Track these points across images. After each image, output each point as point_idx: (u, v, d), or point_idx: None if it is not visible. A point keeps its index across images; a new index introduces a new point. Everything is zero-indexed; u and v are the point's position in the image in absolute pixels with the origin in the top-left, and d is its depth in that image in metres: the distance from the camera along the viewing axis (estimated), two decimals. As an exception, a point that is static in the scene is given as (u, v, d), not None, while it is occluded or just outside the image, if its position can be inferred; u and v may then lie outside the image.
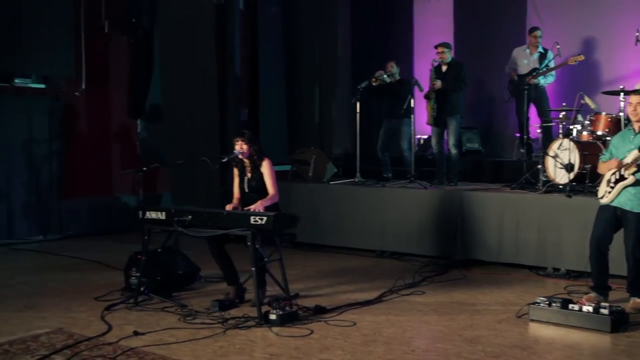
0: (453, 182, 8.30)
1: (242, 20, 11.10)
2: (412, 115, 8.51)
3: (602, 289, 5.57)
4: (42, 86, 9.25)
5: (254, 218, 5.06)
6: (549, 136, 8.44)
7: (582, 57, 8.25)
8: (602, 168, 5.63)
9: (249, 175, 5.73)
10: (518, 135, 9.74)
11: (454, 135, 8.37)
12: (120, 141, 10.14)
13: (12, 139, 8.80)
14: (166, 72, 9.65)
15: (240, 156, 5.65)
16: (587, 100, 7.30)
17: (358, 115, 8.53)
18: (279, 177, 6.03)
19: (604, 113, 7.20)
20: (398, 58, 10.02)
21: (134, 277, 5.92)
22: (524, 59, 9.11)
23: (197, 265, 6.33)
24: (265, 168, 5.65)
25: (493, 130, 10.53)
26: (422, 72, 9.50)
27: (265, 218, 5.03)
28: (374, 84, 8.65)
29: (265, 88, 11.63)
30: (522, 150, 9.08)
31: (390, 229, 7.85)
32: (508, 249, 7.06)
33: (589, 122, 7.26)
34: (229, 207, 5.62)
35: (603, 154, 5.75)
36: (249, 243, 5.05)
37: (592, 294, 5.54)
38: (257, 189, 5.68)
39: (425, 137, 10.52)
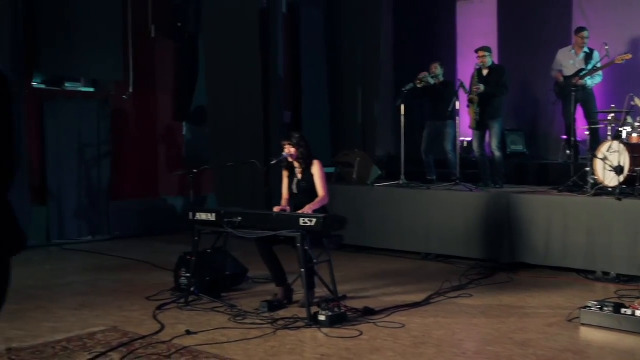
0: (498, 185, 8.25)
1: (285, 24, 11.19)
2: (456, 117, 8.49)
3: (655, 294, 5.49)
4: (92, 90, 9.47)
5: (303, 220, 5.11)
6: (596, 138, 8.33)
7: (629, 56, 8.14)
8: None
9: (298, 176, 5.78)
10: (564, 137, 9.64)
11: (496, 138, 8.33)
12: (166, 144, 10.31)
13: (63, 142, 9.01)
14: (211, 75, 9.80)
15: (289, 159, 5.71)
16: (637, 101, 7.19)
17: (402, 117, 8.52)
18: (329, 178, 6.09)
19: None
20: (441, 60, 10.00)
21: (183, 278, 6.02)
22: (570, 60, 9.00)
23: (245, 267, 6.41)
24: (316, 170, 5.69)
25: (538, 132, 10.44)
26: (466, 74, 9.44)
27: (314, 220, 5.08)
28: (418, 85, 8.66)
29: (307, 90, 11.71)
30: (568, 153, 9.00)
31: (435, 232, 7.84)
32: (556, 252, 6.99)
33: (639, 124, 7.15)
34: (277, 209, 5.68)
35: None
36: (298, 245, 5.10)
37: (644, 299, 5.46)
38: (306, 191, 5.74)
39: (469, 139, 10.46)
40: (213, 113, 9.87)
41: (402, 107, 8.49)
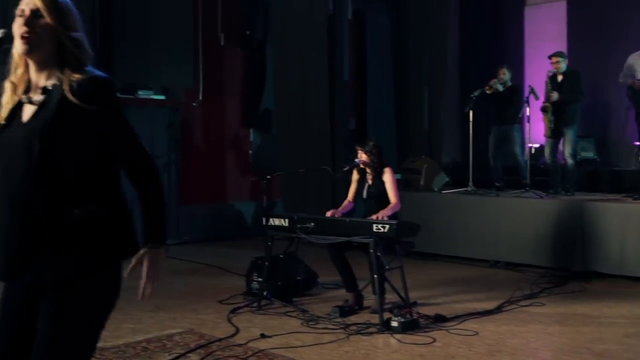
0: (570, 192, 8.10)
1: (350, 30, 11.26)
2: (524, 123, 8.38)
3: None
4: (163, 97, 9.71)
5: (377, 226, 5.15)
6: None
7: None
8: None
9: (369, 182, 5.82)
10: (637, 143, 9.42)
11: (570, 145, 8.18)
12: (234, 149, 10.49)
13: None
14: (279, 82, 9.94)
15: (361, 165, 5.75)
16: None
17: (471, 124, 8.46)
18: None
19: None
20: (508, 64, 9.92)
21: (255, 282, 6.12)
22: None
23: (315, 272, 6.48)
24: (387, 177, 5.72)
25: (609, 138, 10.21)
26: (534, 79, 9.33)
27: (387, 226, 5.11)
28: (487, 92, 8.58)
29: (372, 97, 11.75)
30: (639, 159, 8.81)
31: (504, 239, 7.75)
32: (632, 261, 6.82)
33: None
34: (329, 213, 5.71)
35: None
36: (371, 250, 5.14)
37: None
38: (376, 196, 5.77)
39: (537, 146, 10.31)
40: (280, 119, 10.01)
41: (471, 113, 8.41)
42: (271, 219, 5.69)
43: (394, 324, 5.04)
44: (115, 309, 2.25)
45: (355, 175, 5.94)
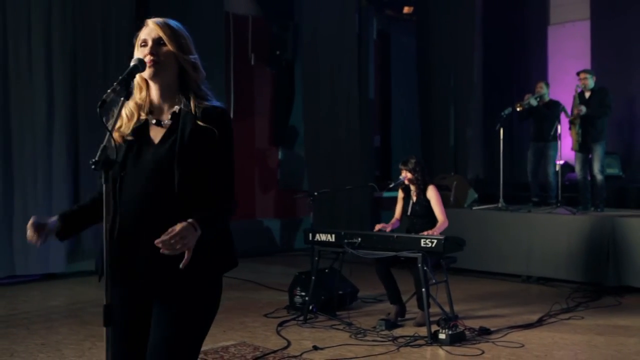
0: (600, 208, 8.23)
1: (375, 50, 11.47)
2: (558, 140, 8.54)
3: None
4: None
5: (424, 241, 5.30)
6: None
7: None
8: None
9: (414, 199, 5.98)
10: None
11: (599, 161, 8.30)
12: (263, 166, 10.67)
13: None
14: (308, 101, 10.14)
15: (406, 181, 5.92)
16: None
17: (502, 141, 8.60)
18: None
19: None
20: (532, 83, 10.08)
21: (298, 296, 6.26)
22: None
23: (356, 287, 6.62)
24: (432, 194, 5.88)
25: (634, 155, 10.34)
26: (558, 97, 9.45)
27: (435, 241, 5.26)
28: (517, 109, 8.71)
29: (397, 115, 11.94)
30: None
31: (536, 254, 7.88)
32: (665, 275, 6.95)
33: None
34: (378, 227, 5.88)
35: None
36: (419, 265, 5.28)
37: None
38: (421, 214, 5.93)
39: (561, 162, 10.43)
40: (309, 137, 10.19)
41: (502, 131, 8.56)
42: (317, 235, 5.85)
43: (442, 336, 5.18)
44: None
45: (400, 194, 6.10)
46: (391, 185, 6.04)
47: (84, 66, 8.22)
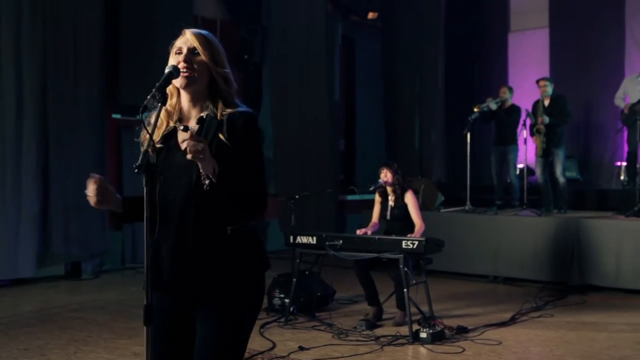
0: (563, 210, 8.53)
1: (341, 54, 11.63)
2: (519, 143, 8.82)
3: None
4: (162, 119, 9.86)
5: (406, 242, 5.45)
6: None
7: None
8: None
9: (391, 203, 6.13)
10: (619, 163, 9.93)
11: (561, 165, 8.61)
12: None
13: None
14: (276, 105, 10.23)
15: (385, 185, 6.06)
16: None
17: (468, 146, 8.83)
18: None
19: None
20: (493, 89, 10.40)
21: (277, 298, 6.34)
22: (636, 86, 9.21)
23: (333, 288, 6.73)
24: (410, 199, 6.04)
25: (591, 159, 10.71)
26: (519, 103, 9.69)
27: (416, 242, 5.42)
28: (475, 110, 8.92)
29: (361, 119, 12.13)
30: (622, 179, 9.34)
31: (504, 255, 8.12)
32: (627, 275, 7.25)
33: None
34: (360, 232, 6.02)
35: None
36: (401, 266, 5.43)
37: None
38: (399, 217, 6.08)
39: (521, 166, 10.75)
40: (277, 141, 10.27)
41: (469, 135, 8.79)
42: (298, 237, 5.95)
43: (423, 335, 5.33)
44: (141, 325, 2.34)
45: (377, 197, 6.24)
46: (371, 189, 6.17)
47: (54, 66, 8.16)
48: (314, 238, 5.87)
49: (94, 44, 8.50)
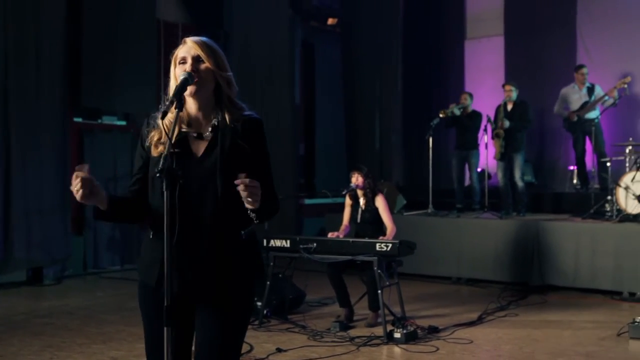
0: (522, 213, 8.80)
1: (301, 59, 11.72)
2: (480, 148, 9.07)
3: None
4: (123, 123, 9.81)
5: (380, 245, 5.57)
6: (604, 168, 8.94)
7: (629, 79, 8.77)
8: None
9: (362, 207, 6.24)
10: (571, 168, 10.29)
11: (520, 169, 8.88)
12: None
13: (100, 174, 9.29)
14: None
15: (357, 189, 6.17)
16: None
17: (431, 150, 9.03)
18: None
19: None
20: (450, 94, 10.66)
21: (249, 301, 6.37)
22: (575, 95, 9.56)
23: (303, 291, 6.80)
24: (380, 203, 6.17)
25: (545, 163, 11.03)
26: (476, 109, 9.92)
27: (390, 245, 5.55)
28: (441, 116, 9.16)
29: (321, 124, 12.25)
30: (575, 182, 9.69)
31: (466, 257, 8.34)
32: (585, 275, 7.53)
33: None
34: (331, 235, 6.12)
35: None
36: (375, 267, 5.55)
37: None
38: (370, 221, 6.20)
39: (479, 170, 11.02)
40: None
41: (431, 140, 8.99)
42: (272, 240, 6.01)
43: (397, 335, 5.45)
44: (117, 330, 2.36)
45: (348, 201, 6.35)
46: (343, 192, 6.28)
47: (15, 69, 8.06)
48: (288, 241, 5.94)
49: (55, 46, 8.41)
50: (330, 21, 12.03)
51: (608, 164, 8.53)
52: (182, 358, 2.54)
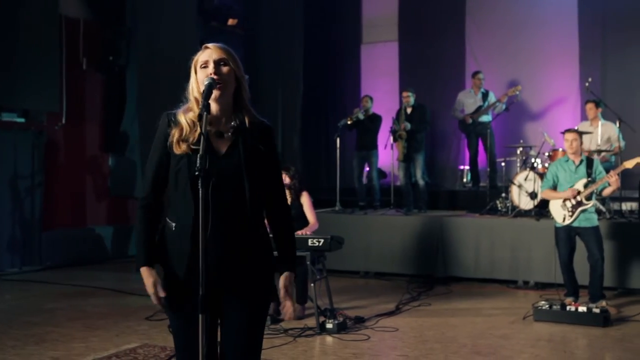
0: (423, 210, 9.36)
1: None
2: (379, 148, 9.60)
3: (575, 294, 6.75)
4: (23, 120, 9.49)
5: (312, 240, 5.84)
6: (494, 168, 9.71)
7: (519, 87, 9.59)
8: (550, 195, 6.69)
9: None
10: (462, 167, 11.04)
11: (421, 169, 9.45)
12: (94, 173, 10.48)
13: (-1, 173, 8.99)
14: (143, 108, 10.16)
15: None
16: (547, 137, 8.60)
17: (338, 150, 9.41)
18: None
19: (560, 149, 8.49)
20: (347, 97, 11.12)
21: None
22: (470, 99, 10.30)
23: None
24: (305, 200, 6.45)
25: (436, 163, 11.70)
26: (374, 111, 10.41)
27: (322, 240, 5.84)
28: (349, 122, 9.59)
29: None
30: (465, 181, 10.43)
31: (374, 252, 8.77)
32: (484, 266, 8.17)
33: (548, 156, 8.55)
34: None
35: (544, 182, 6.90)
36: (307, 262, 5.82)
37: (570, 299, 6.68)
38: (295, 217, 6.44)
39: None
40: (145, 143, 10.21)
41: (338, 140, 9.37)
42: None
43: (329, 326, 5.76)
44: (46, 332, 2.49)
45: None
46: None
47: None
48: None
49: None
50: (230, 22, 12.11)
51: (503, 163, 9.25)
52: (213, 344, 2.69)
